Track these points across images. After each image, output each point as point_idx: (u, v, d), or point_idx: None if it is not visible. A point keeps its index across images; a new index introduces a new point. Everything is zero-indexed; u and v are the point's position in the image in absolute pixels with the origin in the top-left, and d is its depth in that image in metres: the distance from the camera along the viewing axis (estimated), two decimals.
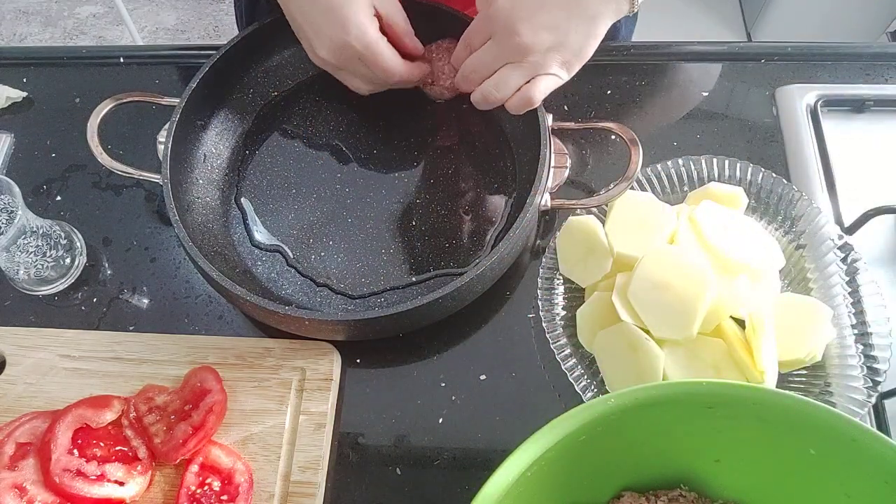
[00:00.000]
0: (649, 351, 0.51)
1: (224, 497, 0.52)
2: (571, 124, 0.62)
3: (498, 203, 0.63)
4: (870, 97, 0.69)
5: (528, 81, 0.55)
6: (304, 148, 0.67)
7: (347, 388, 0.59)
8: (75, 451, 0.52)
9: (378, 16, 0.57)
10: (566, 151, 0.65)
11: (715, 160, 0.61)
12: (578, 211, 0.60)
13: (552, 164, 0.59)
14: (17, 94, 0.75)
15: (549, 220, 0.65)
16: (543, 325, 0.56)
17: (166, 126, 0.61)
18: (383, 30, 0.58)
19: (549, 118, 0.59)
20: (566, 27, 0.52)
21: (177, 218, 0.56)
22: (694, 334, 0.51)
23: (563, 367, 0.54)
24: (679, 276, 0.51)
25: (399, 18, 0.59)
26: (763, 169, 0.60)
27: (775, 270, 0.56)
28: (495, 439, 0.56)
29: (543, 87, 0.55)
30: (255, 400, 0.57)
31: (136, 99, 0.62)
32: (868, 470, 0.39)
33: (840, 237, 0.57)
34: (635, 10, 0.54)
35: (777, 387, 0.50)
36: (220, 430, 0.55)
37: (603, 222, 0.57)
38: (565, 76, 0.56)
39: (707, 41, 0.75)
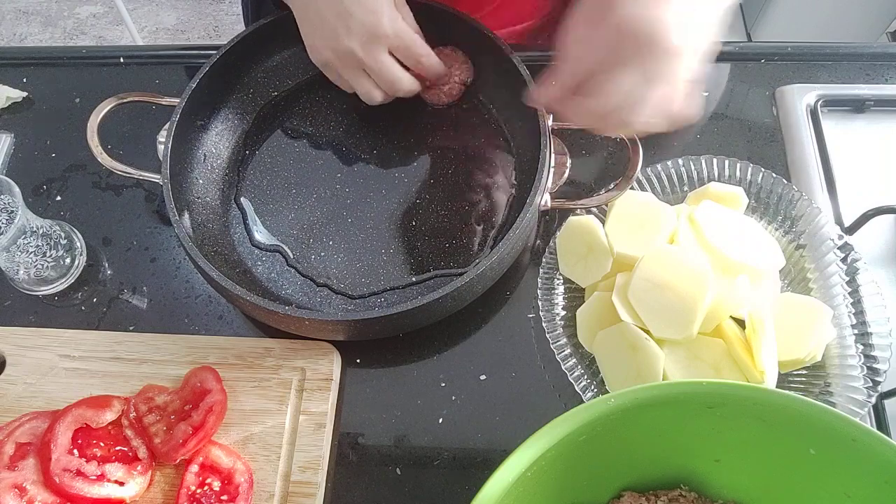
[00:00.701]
0: (649, 351, 0.51)
1: (224, 497, 0.52)
2: (571, 124, 0.62)
3: (498, 203, 0.63)
4: (870, 97, 0.69)
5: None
6: (304, 148, 0.67)
7: (347, 388, 0.59)
8: (75, 451, 0.52)
9: None
10: (566, 151, 0.65)
11: (715, 160, 0.61)
12: (578, 211, 0.60)
13: (552, 164, 0.59)
14: (17, 94, 0.75)
15: (549, 220, 0.65)
16: (543, 325, 0.56)
17: (166, 126, 0.61)
18: None
19: (549, 118, 0.59)
20: (703, 9, 0.43)
21: (177, 218, 0.56)
22: (694, 334, 0.51)
23: (563, 367, 0.54)
24: (679, 276, 0.51)
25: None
26: (763, 169, 0.60)
27: (775, 270, 0.56)
28: (495, 439, 0.56)
29: (685, 93, 0.46)
30: (255, 400, 0.57)
31: (136, 99, 0.62)
32: (868, 470, 0.39)
33: (840, 237, 0.57)
34: None
35: (777, 387, 0.50)
36: (220, 430, 0.55)
37: (603, 222, 0.57)
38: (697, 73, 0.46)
39: None
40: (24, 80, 0.76)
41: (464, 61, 0.65)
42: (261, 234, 0.63)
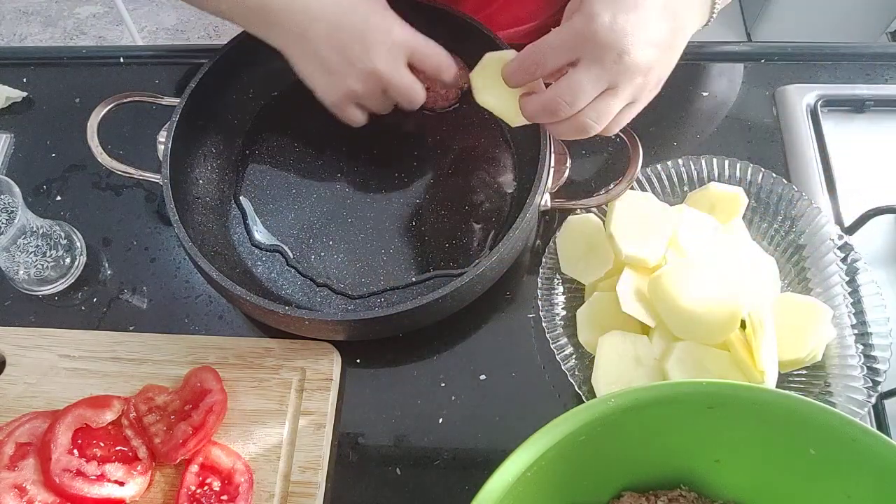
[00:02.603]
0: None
1: (224, 497, 0.52)
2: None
3: (498, 203, 0.63)
4: (870, 97, 0.69)
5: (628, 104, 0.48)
6: (303, 148, 0.67)
7: (347, 388, 0.59)
8: (75, 451, 0.52)
9: None
10: (566, 151, 0.65)
11: (715, 160, 0.61)
12: (578, 211, 0.60)
13: (552, 164, 0.59)
14: (17, 94, 0.75)
15: (549, 220, 0.65)
16: (543, 325, 0.56)
17: (166, 126, 0.61)
18: None
19: None
20: (670, 42, 0.47)
21: (177, 218, 0.56)
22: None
23: (563, 367, 0.54)
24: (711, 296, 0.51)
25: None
26: (763, 169, 0.60)
27: (775, 271, 0.56)
28: (495, 439, 0.56)
29: (636, 112, 0.50)
30: (255, 400, 0.57)
31: (136, 99, 0.62)
32: (868, 470, 0.39)
33: (840, 237, 0.57)
34: (709, 22, 0.50)
35: (777, 387, 0.50)
36: (220, 430, 0.55)
37: (603, 222, 0.57)
38: (651, 96, 0.50)
39: (707, 41, 0.75)
40: (24, 80, 0.76)
41: (461, 66, 0.65)
42: (261, 234, 0.63)
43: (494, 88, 0.52)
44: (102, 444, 0.53)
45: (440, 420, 0.57)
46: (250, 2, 0.55)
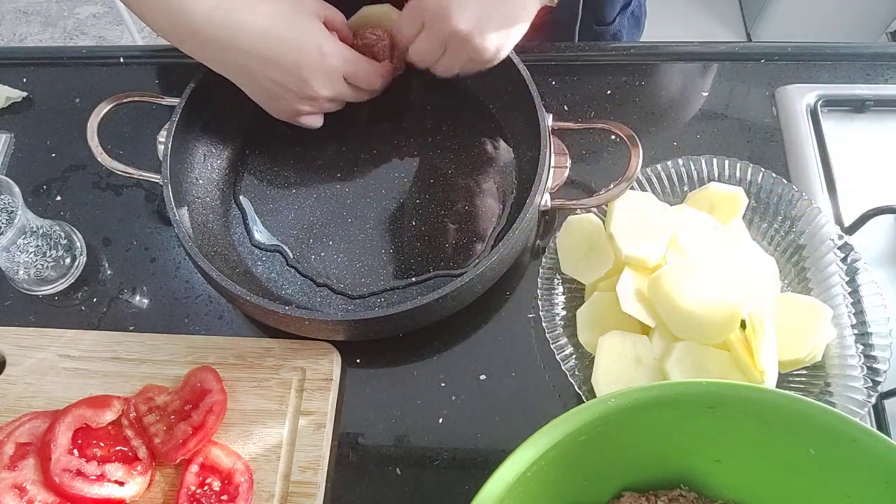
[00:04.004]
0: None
1: (224, 497, 0.52)
2: (571, 124, 0.61)
3: (498, 203, 0.63)
4: (870, 97, 0.69)
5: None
6: (304, 148, 0.67)
7: (347, 388, 0.59)
8: (75, 451, 0.52)
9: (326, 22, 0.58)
10: (566, 151, 0.65)
11: (715, 160, 0.61)
12: (578, 211, 0.60)
13: (552, 164, 0.59)
14: (17, 94, 0.75)
15: (549, 220, 0.65)
16: (543, 325, 0.56)
17: (166, 126, 0.61)
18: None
19: (549, 118, 0.59)
20: (501, 11, 0.54)
21: (177, 218, 0.56)
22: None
23: (563, 368, 0.54)
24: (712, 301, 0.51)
25: (339, 19, 0.60)
26: (763, 169, 0.60)
27: (775, 271, 0.56)
28: (495, 439, 0.56)
29: (479, 67, 0.58)
30: (255, 400, 0.57)
31: (136, 99, 0.62)
32: (868, 470, 0.39)
33: (840, 237, 0.57)
34: (555, 1, 0.55)
35: (777, 387, 0.50)
36: (220, 430, 0.55)
37: (603, 222, 0.57)
38: (497, 59, 0.58)
39: (707, 41, 0.75)
40: (24, 80, 0.76)
41: (390, 56, 0.64)
42: (261, 234, 0.63)
43: None
44: (102, 444, 0.53)
45: (440, 420, 0.57)
46: (182, 32, 0.56)
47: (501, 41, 0.56)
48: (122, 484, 0.51)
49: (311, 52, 0.55)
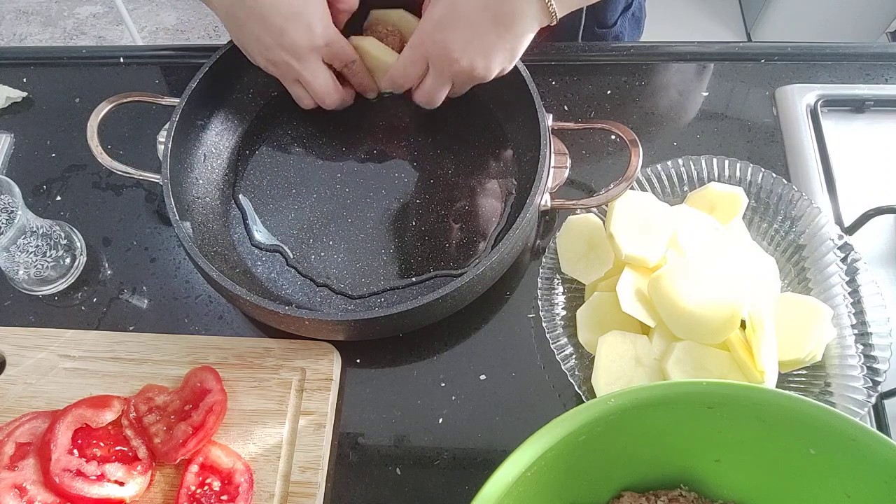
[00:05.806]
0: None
1: (224, 497, 0.52)
2: (571, 124, 0.62)
3: (498, 203, 0.63)
4: (870, 97, 0.69)
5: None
6: (304, 148, 0.67)
7: (347, 388, 0.59)
8: (75, 451, 0.52)
9: None
10: (566, 151, 0.65)
11: (715, 160, 0.61)
12: (578, 211, 0.60)
13: (552, 164, 0.59)
14: (17, 94, 0.75)
15: (549, 220, 0.65)
16: (543, 325, 0.56)
17: (166, 126, 0.61)
18: None
19: (549, 118, 0.59)
20: (499, 47, 0.55)
21: (177, 218, 0.56)
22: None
23: (563, 368, 0.54)
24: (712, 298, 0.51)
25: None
26: (763, 169, 0.60)
27: (775, 271, 0.56)
28: (495, 439, 0.56)
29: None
30: (255, 400, 0.57)
31: (136, 99, 0.62)
32: (868, 470, 0.39)
33: (840, 237, 0.57)
34: (555, 22, 0.56)
35: (777, 387, 0.50)
36: (220, 430, 0.55)
37: (603, 222, 0.57)
38: (501, 75, 0.59)
39: (707, 41, 0.75)
40: (24, 80, 0.76)
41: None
42: (261, 234, 0.63)
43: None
44: (102, 444, 0.53)
45: (440, 420, 0.57)
46: None
47: (504, 65, 0.58)
48: (122, 484, 0.51)
49: (301, 24, 0.56)
